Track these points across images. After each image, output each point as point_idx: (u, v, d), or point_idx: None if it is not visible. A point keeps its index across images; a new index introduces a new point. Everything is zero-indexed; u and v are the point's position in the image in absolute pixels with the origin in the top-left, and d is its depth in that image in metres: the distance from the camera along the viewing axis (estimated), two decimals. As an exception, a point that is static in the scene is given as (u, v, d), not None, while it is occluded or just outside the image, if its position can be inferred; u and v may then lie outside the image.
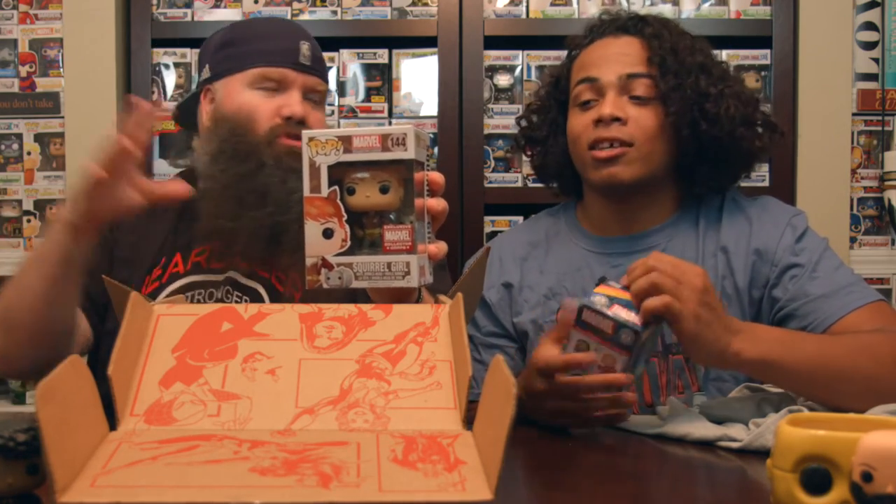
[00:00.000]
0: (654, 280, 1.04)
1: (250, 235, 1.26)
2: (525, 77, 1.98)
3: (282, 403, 0.72)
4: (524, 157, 1.56)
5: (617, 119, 1.28)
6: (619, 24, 1.37)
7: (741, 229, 1.32)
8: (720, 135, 1.30)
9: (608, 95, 1.30)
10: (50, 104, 1.98)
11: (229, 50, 1.38)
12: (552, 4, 1.98)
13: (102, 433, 0.67)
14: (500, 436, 0.58)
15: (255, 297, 1.30)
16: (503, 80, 1.99)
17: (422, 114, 2.00)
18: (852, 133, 1.96)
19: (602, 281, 1.16)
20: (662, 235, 1.35)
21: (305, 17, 1.97)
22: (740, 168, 1.37)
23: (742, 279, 1.29)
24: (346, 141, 0.86)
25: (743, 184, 1.90)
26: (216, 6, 1.98)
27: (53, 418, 0.57)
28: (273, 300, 1.30)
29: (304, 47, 1.36)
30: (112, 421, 0.69)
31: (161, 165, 1.96)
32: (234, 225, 1.26)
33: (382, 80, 2.00)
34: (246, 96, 1.33)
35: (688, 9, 1.98)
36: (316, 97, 1.38)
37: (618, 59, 1.32)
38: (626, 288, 1.08)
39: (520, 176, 1.98)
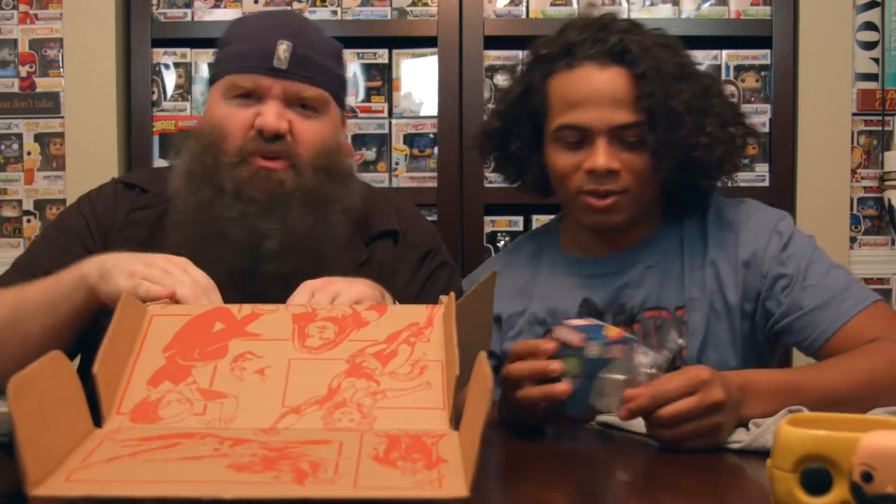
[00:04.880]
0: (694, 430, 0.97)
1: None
2: (525, 77, 1.97)
3: (268, 402, 0.72)
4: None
5: (611, 171, 1.24)
6: (604, 49, 1.27)
7: (727, 241, 1.29)
8: (709, 179, 1.30)
9: (599, 144, 1.24)
10: (50, 104, 1.98)
11: (218, 54, 1.27)
12: (552, 4, 1.98)
13: (86, 430, 0.67)
14: (477, 431, 0.58)
15: None
16: (503, 80, 1.99)
17: (422, 114, 1.99)
18: (852, 133, 1.95)
19: (585, 303, 1.12)
20: (646, 252, 1.33)
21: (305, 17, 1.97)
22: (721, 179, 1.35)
23: (733, 295, 1.27)
24: None
25: (743, 184, 1.93)
26: (216, 6, 1.98)
27: (27, 412, 0.57)
28: None
29: (282, 48, 1.17)
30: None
31: (161, 165, 1.96)
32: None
33: (382, 80, 1.99)
34: (219, 108, 1.20)
35: (688, 9, 1.97)
36: (309, 104, 1.20)
37: (606, 102, 1.25)
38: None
39: (519, 176, 1.97)
